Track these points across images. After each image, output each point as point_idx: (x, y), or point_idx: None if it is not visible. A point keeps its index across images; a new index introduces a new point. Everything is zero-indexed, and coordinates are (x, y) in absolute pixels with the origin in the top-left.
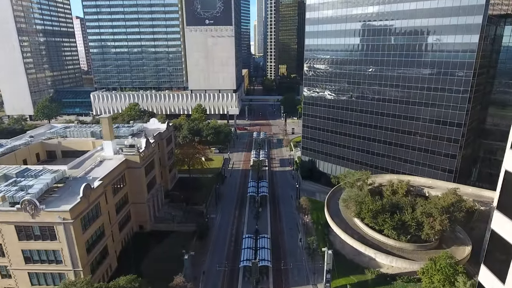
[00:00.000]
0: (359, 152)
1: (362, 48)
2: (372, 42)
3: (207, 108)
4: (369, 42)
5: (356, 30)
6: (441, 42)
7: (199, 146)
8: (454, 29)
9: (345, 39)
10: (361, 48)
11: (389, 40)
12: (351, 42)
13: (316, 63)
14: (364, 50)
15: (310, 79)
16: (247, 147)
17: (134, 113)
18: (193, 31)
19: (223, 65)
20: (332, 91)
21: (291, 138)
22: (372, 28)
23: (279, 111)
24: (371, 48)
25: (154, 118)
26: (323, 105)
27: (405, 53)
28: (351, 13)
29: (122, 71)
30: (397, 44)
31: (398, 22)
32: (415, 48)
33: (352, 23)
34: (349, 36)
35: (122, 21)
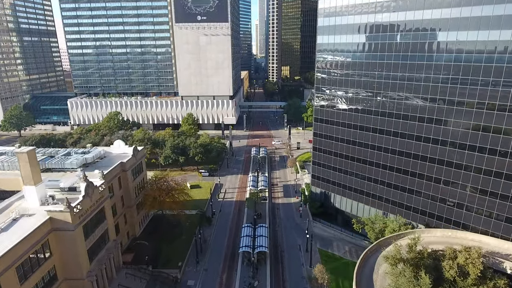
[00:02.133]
0: (390, 188)
1: (402, 48)
2: (418, 39)
3: (200, 117)
4: (415, 39)
5: (395, 23)
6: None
7: (174, 183)
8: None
9: (376, 35)
10: (400, 48)
11: (441, 36)
12: (387, 40)
13: (331, 67)
14: (404, 51)
15: (322, 89)
16: (243, 167)
17: (114, 124)
18: (183, 28)
19: (218, 68)
20: (353, 105)
21: (296, 155)
22: (420, 20)
23: (282, 119)
24: (416, 48)
25: (119, 141)
26: (340, 123)
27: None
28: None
29: (105, 74)
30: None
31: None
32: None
33: (387, 13)
34: (383, 31)
35: (104, 18)
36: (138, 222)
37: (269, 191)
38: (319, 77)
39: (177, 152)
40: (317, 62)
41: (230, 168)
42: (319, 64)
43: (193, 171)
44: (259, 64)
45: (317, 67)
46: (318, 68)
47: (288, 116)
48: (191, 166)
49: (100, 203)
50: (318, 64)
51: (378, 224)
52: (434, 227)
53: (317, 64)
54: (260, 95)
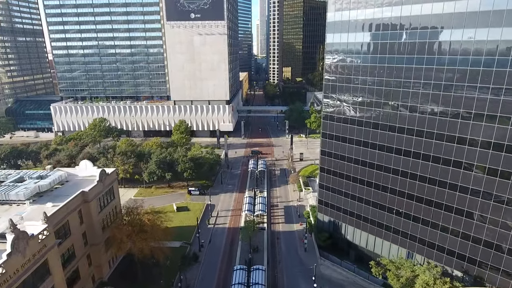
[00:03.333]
0: (416, 223)
1: (434, 47)
2: (450, 37)
3: (194, 124)
4: (445, 37)
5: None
6: None
7: (149, 216)
8: None
9: (400, 32)
10: (433, 48)
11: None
12: (418, 39)
13: (343, 71)
14: (437, 52)
15: (332, 97)
16: (240, 182)
17: (97, 132)
18: (175, 27)
19: (213, 70)
20: (371, 118)
21: (299, 167)
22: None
23: (283, 125)
24: (448, 49)
25: (85, 161)
26: (354, 140)
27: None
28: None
29: (92, 77)
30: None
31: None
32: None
33: (428, 3)
34: (413, 27)
35: (91, 16)
36: (108, 261)
37: (268, 215)
38: (328, 83)
39: (163, 168)
40: (326, 66)
41: (225, 184)
42: (328, 67)
43: (182, 188)
44: (260, 65)
45: (325, 70)
46: (327, 73)
47: (290, 122)
48: (180, 182)
49: (41, 255)
50: (327, 67)
51: (405, 271)
52: (485, 280)
53: (325, 68)
54: (260, 97)
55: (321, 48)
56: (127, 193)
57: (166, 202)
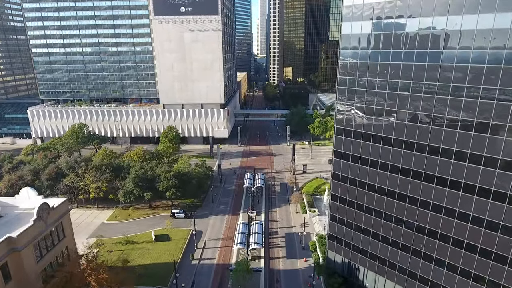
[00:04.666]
0: (466, 279)
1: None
2: None
3: (185, 130)
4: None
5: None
6: None
7: (98, 274)
8: None
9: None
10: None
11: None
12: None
13: (364, 72)
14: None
15: (347, 106)
16: (233, 201)
17: (73, 141)
18: (163, 22)
19: (206, 70)
20: (400, 135)
21: (302, 182)
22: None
23: (284, 130)
24: None
25: (27, 188)
26: (376, 163)
27: None
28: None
29: (75, 78)
30: None
31: None
32: None
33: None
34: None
35: (72, 11)
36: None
37: (266, 247)
38: (343, 87)
39: (142, 186)
40: (340, 64)
41: (216, 203)
42: (343, 66)
43: (165, 209)
44: (260, 65)
45: (340, 70)
46: (342, 73)
47: (291, 127)
48: (164, 201)
49: None
50: (342, 67)
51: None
52: None
53: (340, 66)
54: (260, 99)
55: (324, 47)
56: (99, 216)
57: (144, 228)
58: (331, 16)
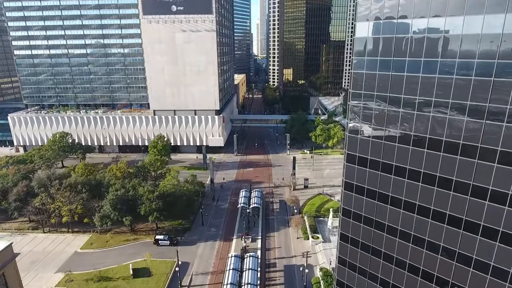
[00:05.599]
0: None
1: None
2: None
3: (177, 138)
4: None
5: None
6: None
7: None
8: None
9: None
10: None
11: None
12: None
13: (385, 84)
14: None
15: (362, 127)
16: (226, 223)
17: (52, 152)
18: (153, 22)
19: (200, 73)
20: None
21: (303, 200)
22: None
23: (283, 137)
24: None
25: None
26: (400, 201)
27: None
28: None
29: (60, 81)
30: None
31: None
32: None
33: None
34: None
35: (57, 10)
36: None
37: (262, 283)
38: (356, 105)
39: (121, 209)
40: (354, 75)
41: (207, 226)
42: (357, 81)
43: (149, 233)
44: (260, 66)
45: (353, 83)
46: (355, 92)
47: (291, 134)
48: (148, 223)
49: None
50: (356, 82)
51: None
52: None
53: (352, 84)
54: (259, 102)
55: (325, 48)
56: (73, 243)
57: (122, 259)
58: (333, 16)
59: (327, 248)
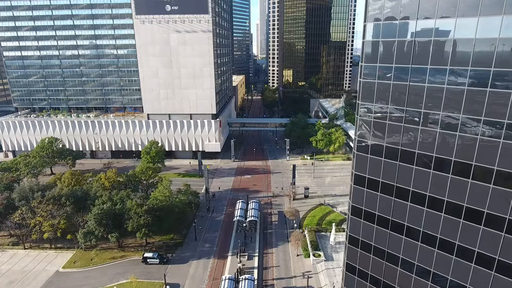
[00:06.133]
0: None
1: None
2: None
3: (172, 144)
4: None
5: None
6: None
7: None
8: None
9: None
10: None
11: None
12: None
13: (402, 96)
14: None
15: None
16: (221, 238)
17: (38, 160)
18: (146, 23)
19: (195, 76)
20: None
21: (303, 211)
22: None
23: (283, 142)
24: None
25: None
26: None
27: None
28: None
29: (51, 84)
30: None
31: None
32: None
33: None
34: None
35: (47, 9)
36: None
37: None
38: (366, 119)
39: (107, 224)
40: (363, 84)
41: (200, 241)
42: (366, 91)
43: (138, 250)
44: (260, 66)
45: (361, 93)
46: (365, 94)
47: (291, 138)
48: (137, 239)
49: None
50: (365, 92)
51: None
52: None
53: (361, 93)
54: (258, 104)
55: (325, 48)
56: (55, 261)
57: (106, 280)
58: (333, 16)
59: (330, 267)
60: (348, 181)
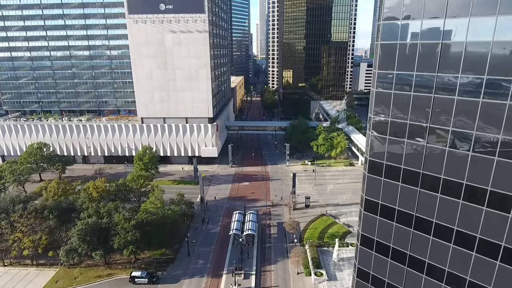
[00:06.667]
0: None
1: None
2: None
3: (167, 148)
4: None
5: None
6: None
7: None
8: None
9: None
10: None
11: None
12: None
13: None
14: None
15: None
16: (216, 252)
17: (25, 168)
18: (140, 22)
19: (191, 78)
20: None
21: (304, 223)
22: None
23: (283, 145)
24: None
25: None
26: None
27: None
28: None
29: (42, 86)
30: None
31: None
32: None
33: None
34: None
35: (38, 9)
36: None
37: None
38: (380, 137)
39: (91, 241)
40: (377, 95)
41: (193, 256)
42: (381, 104)
43: (126, 266)
44: (260, 66)
45: (375, 105)
46: (379, 107)
47: (291, 142)
48: (125, 256)
49: None
50: (380, 105)
51: None
52: None
53: (375, 100)
54: (257, 105)
55: (326, 49)
56: (36, 280)
57: None
58: (334, 16)
59: (332, 287)
60: (351, 188)
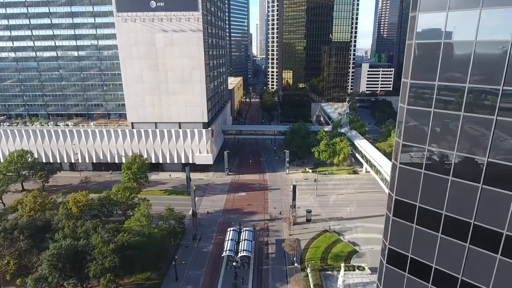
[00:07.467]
0: None
1: None
2: None
3: (159, 155)
4: None
5: None
6: None
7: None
8: None
9: None
10: None
11: None
12: None
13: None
14: None
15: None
16: (207, 275)
17: (3, 177)
18: (129, 21)
19: (184, 81)
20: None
21: (305, 241)
22: None
23: (282, 151)
24: None
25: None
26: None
27: None
28: None
29: (28, 89)
30: None
31: None
32: None
33: None
34: None
35: (23, 7)
36: None
37: None
38: (413, 171)
39: (63, 268)
40: (409, 113)
41: (181, 282)
42: (412, 126)
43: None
44: (259, 66)
45: (405, 127)
46: (410, 131)
47: (291, 148)
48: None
49: None
50: (410, 126)
51: None
52: None
53: (406, 119)
54: (256, 107)
55: (326, 49)
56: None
57: None
58: (335, 15)
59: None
60: (355, 199)
